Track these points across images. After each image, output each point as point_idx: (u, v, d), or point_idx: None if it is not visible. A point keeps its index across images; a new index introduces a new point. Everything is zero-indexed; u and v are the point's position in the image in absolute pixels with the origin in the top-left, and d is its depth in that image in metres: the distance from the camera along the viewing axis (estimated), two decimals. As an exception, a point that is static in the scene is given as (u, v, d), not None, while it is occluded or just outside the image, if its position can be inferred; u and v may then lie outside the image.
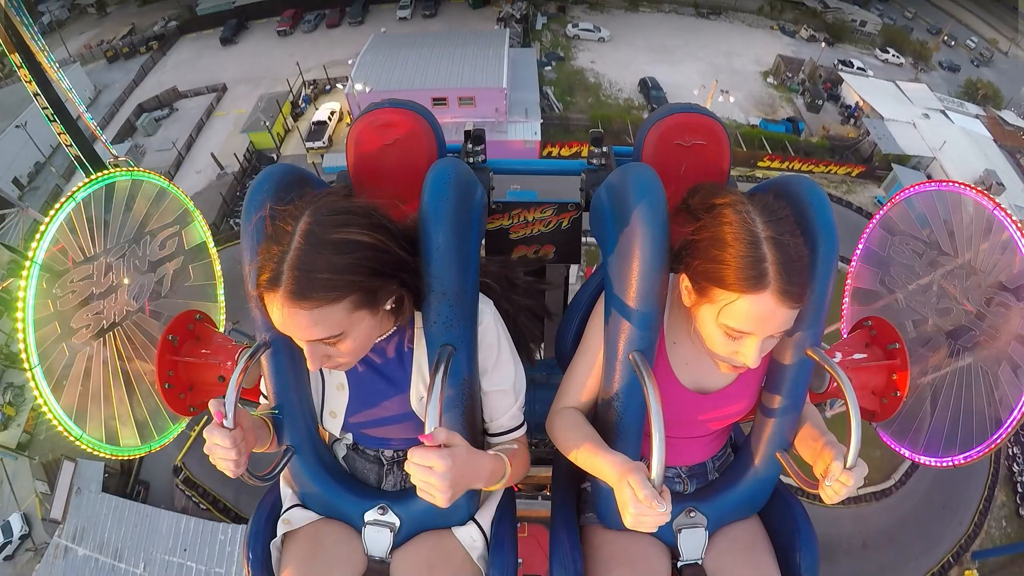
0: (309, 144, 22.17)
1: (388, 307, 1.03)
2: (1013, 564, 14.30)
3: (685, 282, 1.07)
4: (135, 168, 1.57)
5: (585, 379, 1.23)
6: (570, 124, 23.59)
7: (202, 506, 13.47)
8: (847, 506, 13.80)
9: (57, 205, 1.34)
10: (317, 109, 24.05)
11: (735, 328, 0.99)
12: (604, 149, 1.79)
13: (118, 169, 1.52)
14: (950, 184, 1.61)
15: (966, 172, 21.70)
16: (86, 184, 1.42)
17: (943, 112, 25.21)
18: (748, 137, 23.17)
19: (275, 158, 22.12)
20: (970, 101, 27.09)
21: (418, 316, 1.14)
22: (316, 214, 0.93)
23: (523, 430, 1.27)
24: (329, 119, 22.87)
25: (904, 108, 24.83)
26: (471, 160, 1.82)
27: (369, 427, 1.24)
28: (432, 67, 22.44)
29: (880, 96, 25.45)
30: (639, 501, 0.90)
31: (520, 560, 1.34)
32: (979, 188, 1.53)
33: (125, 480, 13.93)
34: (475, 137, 1.82)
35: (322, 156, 21.59)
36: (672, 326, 1.19)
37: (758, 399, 1.26)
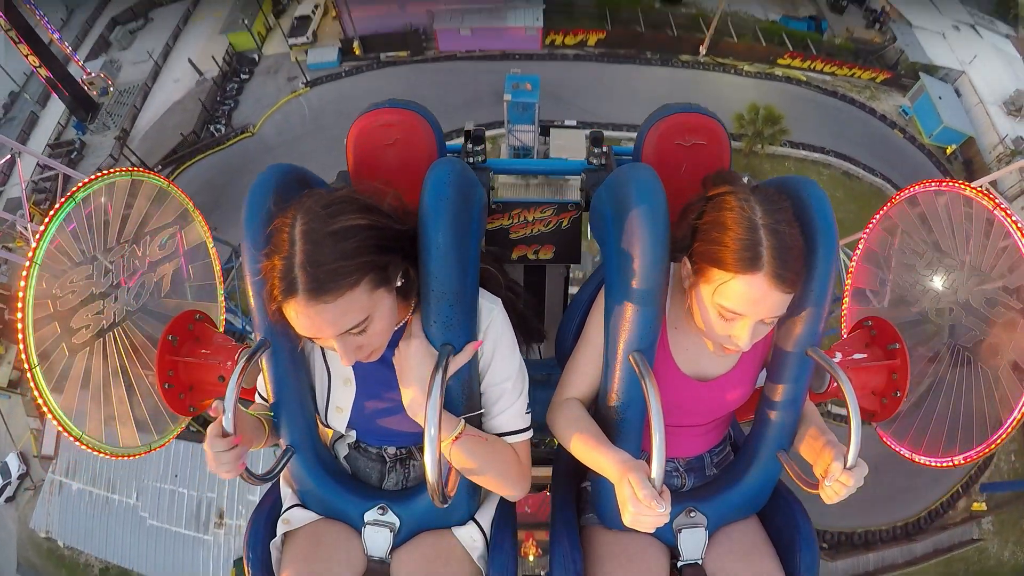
0: (292, 40, 20.81)
1: (399, 283, 1.04)
2: (1019, 500, 14.33)
3: (686, 264, 1.11)
4: (135, 170, 1.58)
5: (587, 371, 1.24)
6: (575, 10, 21.91)
7: (191, 428, 12.73)
8: (864, 425, 14.17)
9: (57, 205, 1.34)
10: (300, 3, 22.25)
11: (729, 308, 1.03)
12: (604, 149, 1.80)
13: (116, 171, 1.53)
14: (951, 184, 1.61)
15: (996, 90, 20.64)
16: (86, 185, 1.42)
17: (973, 27, 23.62)
18: (768, 33, 22.15)
19: (256, 59, 20.87)
20: (1001, 20, 25.02)
21: None
22: (308, 213, 0.94)
23: (525, 435, 1.20)
24: (313, 13, 21.40)
25: (933, 17, 23.24)
26: (471, 160, 1.83)
27: (374, 422, 1.24)
28: (422, -52, 20.25)
29: (908, 2, 23.53)
30: (639, 501, 0.90)
31: None
32: (980, 188, 1.53)
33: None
34: (475, 137, 1.83)
35: (306, 52, 20.48)
36: (674, 312, 1.21)
37: (758, 397, 1.26)
